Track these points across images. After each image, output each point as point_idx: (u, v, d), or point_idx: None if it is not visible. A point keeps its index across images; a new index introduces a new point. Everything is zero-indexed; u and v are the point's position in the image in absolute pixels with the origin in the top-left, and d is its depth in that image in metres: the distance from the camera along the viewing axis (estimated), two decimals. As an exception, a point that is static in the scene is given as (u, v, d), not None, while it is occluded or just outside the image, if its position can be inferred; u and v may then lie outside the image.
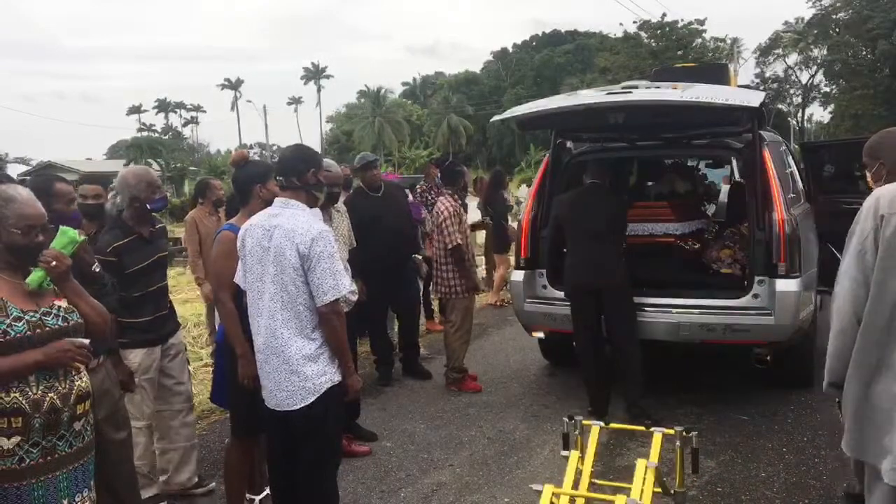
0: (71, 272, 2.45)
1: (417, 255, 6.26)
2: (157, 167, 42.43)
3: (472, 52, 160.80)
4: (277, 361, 2.95)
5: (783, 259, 4.69)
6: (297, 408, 2.94)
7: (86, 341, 2.37)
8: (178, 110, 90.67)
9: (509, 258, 9.04)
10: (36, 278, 2.35)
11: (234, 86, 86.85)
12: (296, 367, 2.92)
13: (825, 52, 44.44)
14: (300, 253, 2.88)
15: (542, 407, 5.34)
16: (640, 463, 3.03)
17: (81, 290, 2.49)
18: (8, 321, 2.25)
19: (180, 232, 12.73)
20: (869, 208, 2.54)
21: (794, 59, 50.03)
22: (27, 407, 2.25)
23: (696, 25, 46.40)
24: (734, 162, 8.62)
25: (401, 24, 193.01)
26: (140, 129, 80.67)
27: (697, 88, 4.73)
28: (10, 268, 2.35)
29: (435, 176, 7.93)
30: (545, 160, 5.93)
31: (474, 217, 9.15)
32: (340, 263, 3.00)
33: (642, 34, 46.29)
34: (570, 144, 6.00)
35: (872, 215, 2.50)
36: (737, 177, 9.02)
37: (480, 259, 9.34)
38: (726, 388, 5.53)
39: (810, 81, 50.02)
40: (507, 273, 8.95)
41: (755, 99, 4.61)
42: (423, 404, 5.51)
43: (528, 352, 6.64)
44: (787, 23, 48.82)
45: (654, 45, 45.33)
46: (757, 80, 48.13)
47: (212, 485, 4.03)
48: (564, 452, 3.29)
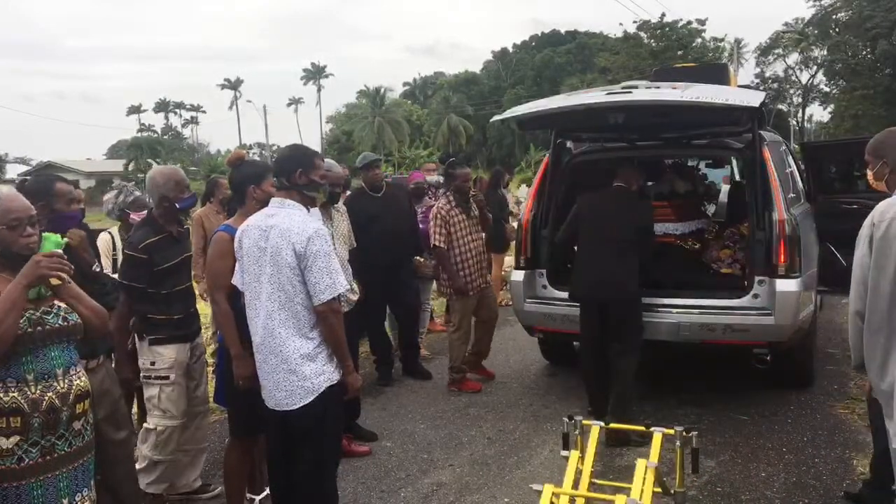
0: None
1: (418, 256, 6.24)
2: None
3: (472, 52, 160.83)
4: (276, 361, 2.95)
5: (783, 259, 4.69)
6: (295, 407, 2.94)
7: (58, 251, 2.36)
8: (178, 110, 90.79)
9: (504, 257, 9.05)
10: (33, 288, 2.34)
11: (234, 86, 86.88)
12: (294, 366, 2.92)
13: (825, 53, 44.43)
14: (296, 252, 2.89)
15: (542, 407, 5.34)
16: (640, 463, 3.03)
17: (78, 293, 2.48)
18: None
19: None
20: (868, 217, 2.80)
21: (794, 59, 50.09)
22: (26, 406, 2.25)
23: (696, 25, 46.41)
24: (734, 162, 8.63)
25: (401, 24, 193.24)
26: (140, 130, 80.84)
27: (697, 88, 4.73)
28: (9, 267, 2.35)
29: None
30: (545, 160, 5.93)
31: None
32: (337, 262, 3.00)
33: (642, 34, 46.27)
34: (570, 144, 6.00)
35: (869, 223, 2.77)
36: (737, 177, 9.03)
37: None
38: (726, 388, 5.53)
39: (810, 81, 50.06)
40: (502, 272, 8.97)
41: (755, 99, 4.61)
42: (423, 404, 5.51)
43: (528, 352, 6.64)
44: (787, 23, 48.91)
45: (654, 45, 45.29)
46: (757, 80, 48.15)
47: (217, 489, 4.02)
48: (564, 452, 3.29)
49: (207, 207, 6.06)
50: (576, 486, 3.02)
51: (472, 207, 5.79)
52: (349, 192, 5.97)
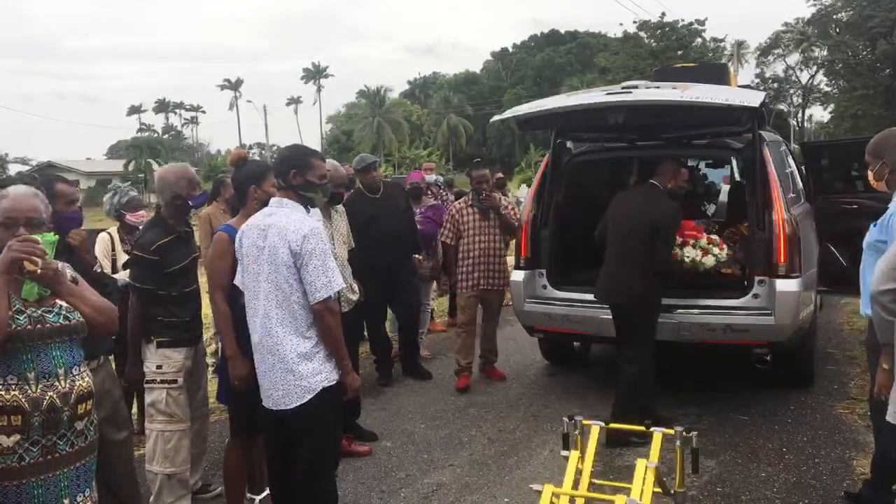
0: (62, 275, 2.42)
1: (417, 256, 6.25)
2: (157, 167, 42.38)
3: (472, 52, 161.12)
4: (273, 360, 2.95)
5: (783, 259, 4.69)
6: (292, 406, 2.94)
7: (32, 237, 2.29)
8: (178, 110, 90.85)
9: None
10: (29, 290, 2.32)
11: (234, 86, 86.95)
12: (291, 365, 2.92)
13: (825, 53, 44.43)
14: (292, 250, 2.89)
15: (542, 407, 5.34)
16: (640, 463, 3.02)
17: (78, 291, 2.46)
18: (10, 313, 2.24)
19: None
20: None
21: (794, 59, 50.09)
22: (26, 405, 2.24)
23: (696, 26, 46.43)
24: (734, 162, 8.62)
25: (401, 24, 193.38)
26: (140, 130, 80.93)
27: (697, 88, 4.73)
28: None
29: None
30: (545, 160, 5.93)
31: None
32: (333, 261, 2.99)
33: (642, 34, 46.27)
34: (570, 144, 6.00)
35: None
36: (737, 177, 9.02)
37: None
38: (726, 388, 5.53)
39: (810, 82, 50.04)
40: None
41: (755, 99, 4.61)
42: (423, 404, 5.51)
43: (528, 352, 6.64)
44: (786, 23, 48.92)
45: (653, 45, 45.30)
46: (757, 80, 48.15)
47: (218, 490, 4.01)
48: (564, 452, 3.28)
49: (214, 206, 6.06)
50: (576, 486, 3.01)
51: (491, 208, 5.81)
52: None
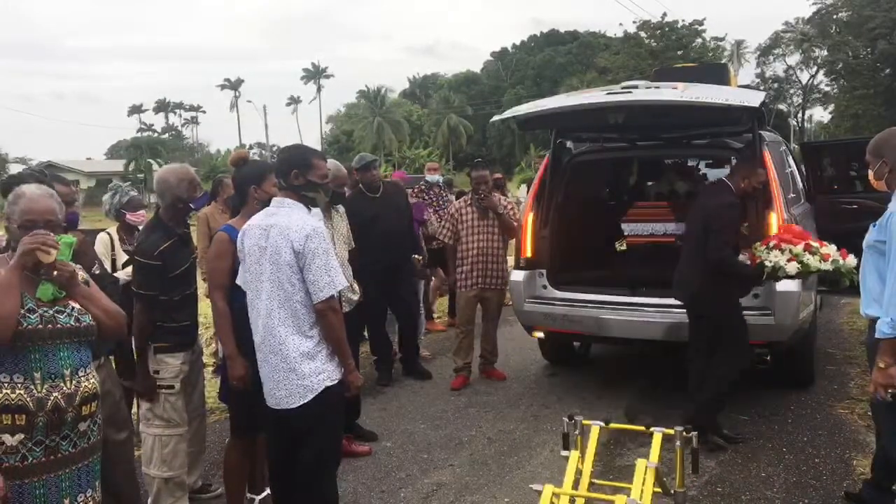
0: (77, 278, 2.45)
1: (416, 255, 6.25)
2: (156, 167, 42.43)
3: (472, 52, 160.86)
4: (276, 360, 2.96)
5: (783, 259, 4.67)
6: (295, 406, 2.94)
7: (43, 231, 2.34)
8: (178, 110, 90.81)
9: None
10: (44, 290, 2.34)
11: (234, 86, 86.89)
12: (293, 364, 2.92)
13: (825, 53, 44.43)
14: (295, 250, 2.89)
15: (542, 407, 5.34)
16: (640, 463, 3.03)
17: (91, 294, 2.50)
18: (22, 311, 2.26)
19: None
20: None
21: (794, 59, 50.10)
22: (31, 405, 2.25)
23: (695, 26, 46.45)
24: (734, 162, 8.61)
25: (401, 24, 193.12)
26: (140, 129, 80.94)
27: (697, 88, 4.73)
28: None
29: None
30: (545, 160, 5.93)
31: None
32: (335, 260, 3.00)
33: (642, 34, 46.29)
34: (570, 144, 6.00)
35: None
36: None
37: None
38: (726, 388, 5.52)
39: (810, 82, 50.05)
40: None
41: (755, 99, 4.61)
42: (423, 404, 5.51)
43: (528, 352, 6.64)
44: (787, 23, 48.91)
45: (654, 45, 45.33)
46: (757, 80, 48.16)
47: (218, 489, 4.01)
48: (564, 452, 3.28)
49: (212, 206, 6.06)
50: (576, 486, 3.02)
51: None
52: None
